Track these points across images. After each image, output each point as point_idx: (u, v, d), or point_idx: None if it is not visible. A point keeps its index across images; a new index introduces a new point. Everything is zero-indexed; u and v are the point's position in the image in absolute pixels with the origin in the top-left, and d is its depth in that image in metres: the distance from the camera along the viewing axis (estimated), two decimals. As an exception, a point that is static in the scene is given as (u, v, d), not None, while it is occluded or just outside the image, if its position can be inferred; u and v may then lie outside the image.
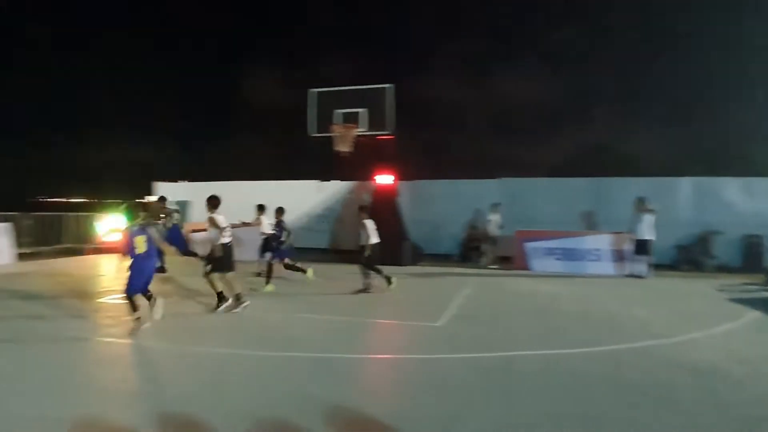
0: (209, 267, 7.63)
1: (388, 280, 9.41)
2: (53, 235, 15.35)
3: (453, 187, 15.90)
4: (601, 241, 12.46)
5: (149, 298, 6.54)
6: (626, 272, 11.95)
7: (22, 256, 13.61)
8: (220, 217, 7.62)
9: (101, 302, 8.32)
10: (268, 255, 10.03)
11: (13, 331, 6.44)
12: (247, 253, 12.16)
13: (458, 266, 13.56)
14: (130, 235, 6.35)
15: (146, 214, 6.55)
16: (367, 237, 9.23)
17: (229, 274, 7.66)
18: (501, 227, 13.36)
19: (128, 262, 6.39)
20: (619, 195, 13.43)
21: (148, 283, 6.56)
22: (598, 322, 7.31)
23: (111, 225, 15.77)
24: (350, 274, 9.95)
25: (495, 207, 13.56)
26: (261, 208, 10.53)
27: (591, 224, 13.91)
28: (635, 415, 4.02)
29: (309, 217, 17.05)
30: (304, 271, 10.39)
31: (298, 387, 4.58)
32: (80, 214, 16.64)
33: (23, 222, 14.53)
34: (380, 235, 10.04)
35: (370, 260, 9.29)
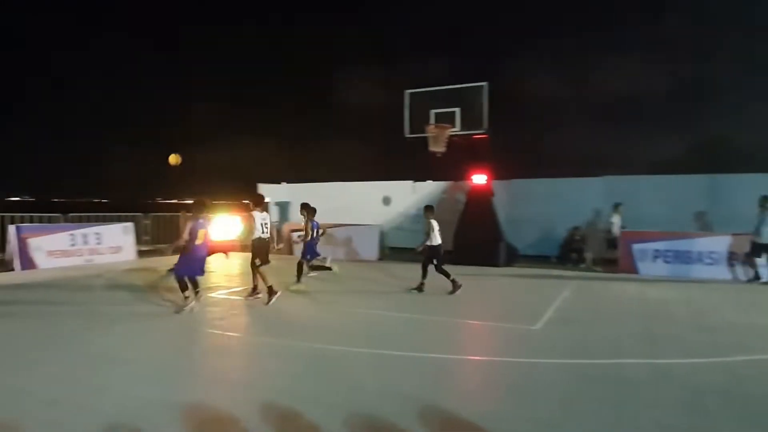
0: (257, 261, 8.26)
1: (454, 284, 9.02)
2: (168, 234, 16.64)
3: (552, 186, 15.29)
4: (717, 243, 11.41)
5: (197, 292, 7.43)
6: (747, 277, 10.88)
7: (141, 253, 14.93)
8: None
9: (211, 296, 8.88)
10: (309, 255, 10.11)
11: (133, 320, 7.06)
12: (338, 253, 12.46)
13: (557, 268, 13.03)
14: (195, 227, 7.26)
15: (209, 209, 7.46)
16: (433, 237, 9.12)
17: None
18: (623, 228, 12.59)
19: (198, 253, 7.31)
20: (736, 193, 12.23)
21: (198, 270, 7.48)
22: (713, 331, 6.69)
23: (219, 224, 16.82)
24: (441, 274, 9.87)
25: (617, 207, 12.73)
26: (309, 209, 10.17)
27: (704, 225, 12.80)
28: (763, 435, 3.62)
29: (403, 217, 17.17)
30: (330, 269, 10.56)
31: (392, 385, 4.60)
32: (192, 214, 17.88)
33: (143, 222, 15.91)
34: (475, 236, 9.90)
35: (435, 259, 9.17)
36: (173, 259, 8.14)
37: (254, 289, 8.51)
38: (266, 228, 8.37)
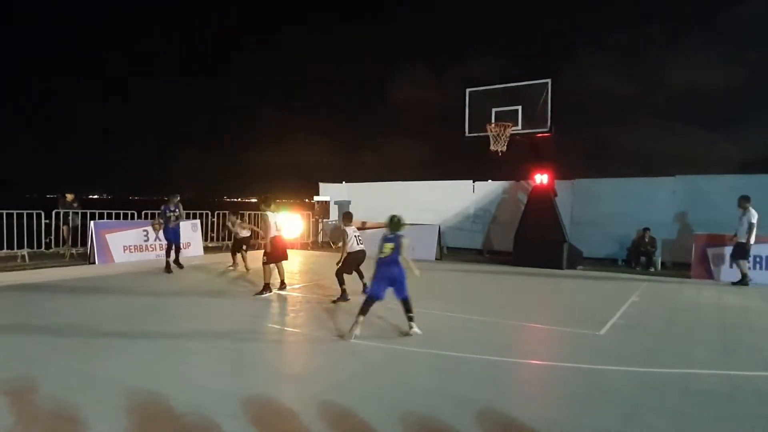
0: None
1: (343, 294, 8.32)
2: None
3: (619, 185, 14.68)
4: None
5: (408, 311, 6.31)
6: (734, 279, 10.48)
7: (207, 249, 15.55)
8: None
9: (273, 292, 9.11)
10: None
11: (201, 314, 7.36)
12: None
13: (625, 271, 12.50)
14: (382, 240, 6.36)
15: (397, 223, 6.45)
16: (350, 245, 8.46)
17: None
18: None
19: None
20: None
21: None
22: (801, 343, 6.19)
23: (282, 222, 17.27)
24: (506, 274, 9.67)
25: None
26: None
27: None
28: None
29: (463, 218, 17.01)
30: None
31: (449, 386, 4.55)
32: (255, 212, 18.44)
33: (210, 219, 16.56)
34: (536, 237, 9.68)
35: (348, 268, 8.54)
36: (256, 256, 8.35)
37: (343, 293, 8.34)
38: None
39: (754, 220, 10.63)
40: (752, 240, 10.68)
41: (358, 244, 8.42)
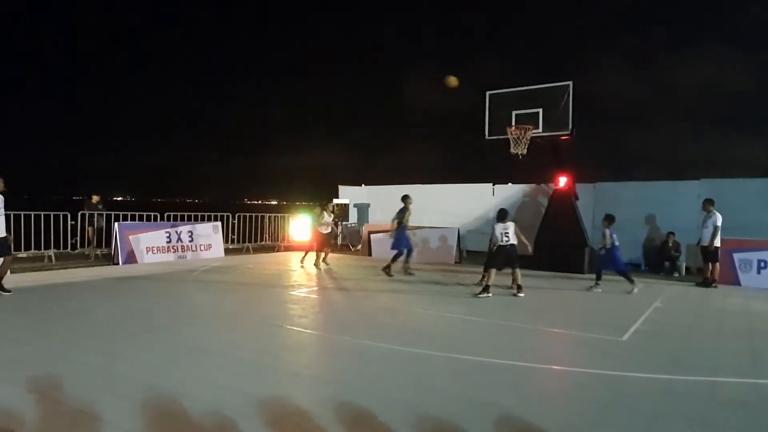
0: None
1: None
2: (253, 233, 17.42)
3: (642, 189, 14.47)
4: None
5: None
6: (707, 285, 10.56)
7: (228, 251, 15.72)
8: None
9: (292, 294, 9.17)
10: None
11: (223, 314, 7.43)
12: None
13: (648, 276, 12.29)
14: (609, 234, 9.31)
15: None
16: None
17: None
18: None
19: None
20: None
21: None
22: (832, 352, 6.02)
23: (301, 225, 17.41)
24: (526, 278, 9.58)
25: None
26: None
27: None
28: None
29: (482, 221, 16.91)
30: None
31: (468, 390, 4.51)
32: (276, 214, 18.60)
33: (231, 221, 16.75)
34: (557, 241, 9.81)
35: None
36: (277, 258, 8.41)
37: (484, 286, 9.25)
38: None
39: (719, 223, 10.75)
40: (717, 243, 10.79)
41: (503, 239, 9.22)
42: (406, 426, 3.71)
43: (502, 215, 9.49)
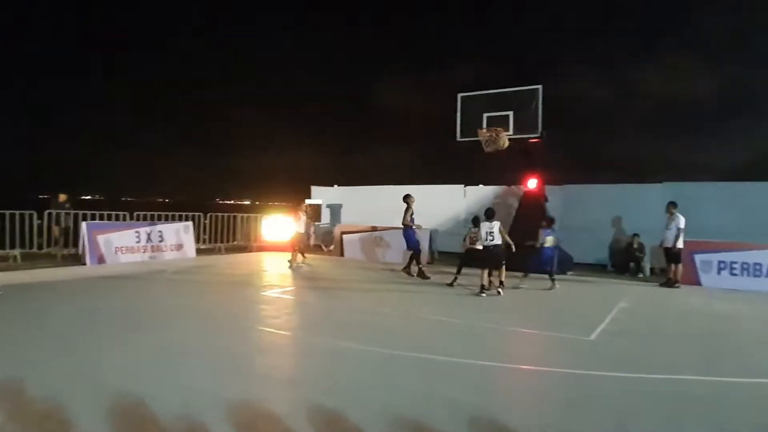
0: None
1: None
2: (226, 234, 17.22)
3: (608, 191, 14.83)
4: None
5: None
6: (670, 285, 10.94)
7: (200, 251, 15.51)
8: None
9: (264, 295, 9.13)
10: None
11: (191, 315, 7.35)
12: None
13: (614, 277, 12.60)
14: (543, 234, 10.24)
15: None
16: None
17: None
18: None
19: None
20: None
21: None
22: (786, 349, 6.30)
23: (274, 225, 17.30)
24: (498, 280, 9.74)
25: None
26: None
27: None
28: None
29: (455, 222, 17.06)
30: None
31: (440, 391, 4.58)
32: (248, 214, 18.42)
33: (202, 221, 16.52)
34: (527, 242, 10.09)
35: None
36: (248, 258, 8.32)
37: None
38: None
39: (682, 225, 11.07)
40: (680, 244, 11.09)
41: (488, 238, 9.49)
42: (377, 426, 3.75)
43: (489, 214, 9.71)
